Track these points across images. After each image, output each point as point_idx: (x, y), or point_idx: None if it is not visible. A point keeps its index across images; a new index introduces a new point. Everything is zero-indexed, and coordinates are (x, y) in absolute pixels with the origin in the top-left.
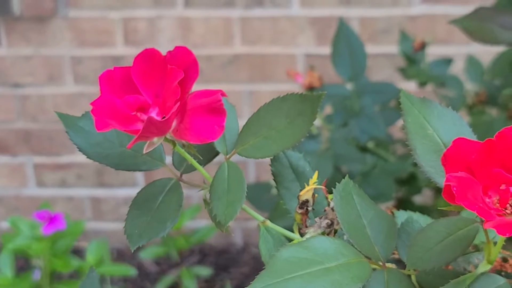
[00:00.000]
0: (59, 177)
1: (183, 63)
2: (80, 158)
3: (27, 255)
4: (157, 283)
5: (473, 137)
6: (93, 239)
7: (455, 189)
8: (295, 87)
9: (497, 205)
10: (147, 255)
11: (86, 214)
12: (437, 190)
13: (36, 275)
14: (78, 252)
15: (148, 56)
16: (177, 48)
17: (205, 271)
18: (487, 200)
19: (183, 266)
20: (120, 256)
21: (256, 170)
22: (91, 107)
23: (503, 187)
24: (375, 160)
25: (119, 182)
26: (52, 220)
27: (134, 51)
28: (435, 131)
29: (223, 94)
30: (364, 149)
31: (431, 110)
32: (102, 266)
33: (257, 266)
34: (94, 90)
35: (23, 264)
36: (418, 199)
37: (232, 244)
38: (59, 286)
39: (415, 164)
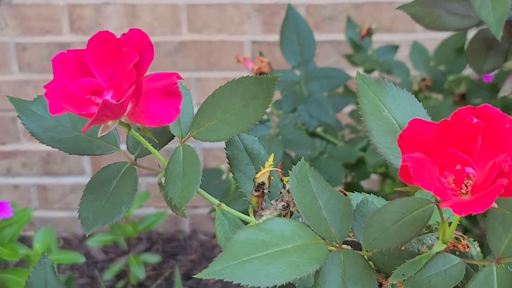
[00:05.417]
0: (4, 166)
1: (137, 45)
2: (26, 146)
3: None
4: (105, 271)
5: (428, 118)
6: (40, 228)
7: (411, 169)
8: (242, 74)
9: (453, 185)
10: (94, 243)
11: (32, 203)
12: (385, 176)
13: None
14: (24, 241)
15: (102, 39)
16: (131, 30)
17: (153, 258)
18: (443, 180)
19: (131, 254)
20: (67, 244)
21: (204, 157)
22: (36, 95)
23: (458, 167)
24: (324, 146)
25: (66, 170)
26: None
27: (80, 38)
28: (391, 112)
29: (178, 77)
30: (313, 135)
31: (386, 91)
32: (50, 254)
33: (205, 253)
34: (40, 78)
35: None
36: (364, 184)
37: (180, 232)
38: (7, 274)
39: (363, 150)
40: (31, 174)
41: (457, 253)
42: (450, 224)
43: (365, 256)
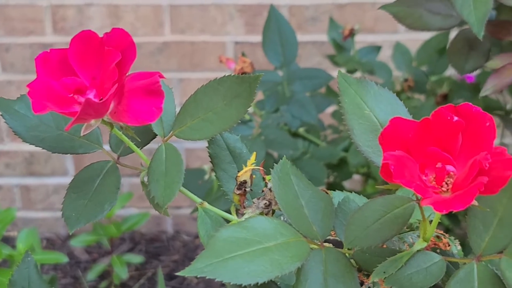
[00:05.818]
0: None
1: (120, 45)
2: (9, 147)
3: None
4: (88, 271)
5: (409, 117)
6: (23, 228)
7: (392, 167)
8: (225, 75)
9: (434, 183)
10: (77, 243)
11: (15, 203)
12: (367, 176)
13: None
14: (7, 241)
15: (85, 38)
16: (114, 29)
17: (136, 258)
18: (424, 178)
19: (114, 254)
20: (50, 245)
21: (186, 157)
22: (19, 95)
23: (439, 165)
24: (306, 146)
25: (49, 171)
26: None
27: (63, 39)
28: (372, 111)
29: (160, 76)
30: (295, 135)
31: (367, 90)
32: (33, 254)
33: (188, 253)
34: (23, 78)
35: None
36: (347, 184)
37: (163, 232)
38: None
39: (345, 150)
40: (14, 174)
41: (438, 251)
42: (431, 222)
43: (347, 254)
